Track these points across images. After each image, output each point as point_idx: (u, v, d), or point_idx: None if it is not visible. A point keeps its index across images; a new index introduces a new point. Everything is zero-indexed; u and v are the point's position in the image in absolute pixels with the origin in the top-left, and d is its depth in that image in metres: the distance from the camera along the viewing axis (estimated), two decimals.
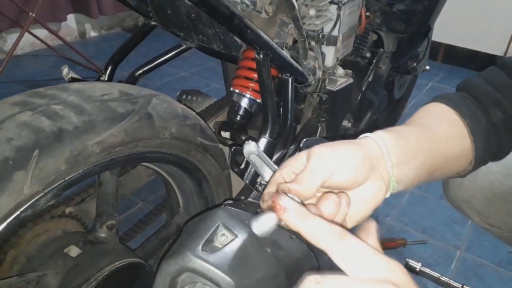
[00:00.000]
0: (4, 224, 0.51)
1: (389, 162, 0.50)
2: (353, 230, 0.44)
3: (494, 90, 0.61)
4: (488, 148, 0.61)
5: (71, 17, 3.04)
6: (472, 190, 0.94)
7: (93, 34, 3.30)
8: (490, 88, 0.61)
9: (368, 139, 0.51)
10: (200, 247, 0.48)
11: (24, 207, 0.52)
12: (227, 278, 0.46)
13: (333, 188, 0.49)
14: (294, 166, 0.50)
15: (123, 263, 0.70)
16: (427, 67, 1.85)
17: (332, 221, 0.41)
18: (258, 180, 0.86)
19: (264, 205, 0.50)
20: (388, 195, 0.52)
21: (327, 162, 0.47)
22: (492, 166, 0.76)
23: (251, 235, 0.51)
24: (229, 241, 0.49)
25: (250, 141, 0.61)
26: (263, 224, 0.44)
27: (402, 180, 0.52)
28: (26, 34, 2.19)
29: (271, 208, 0.42)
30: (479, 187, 0.93)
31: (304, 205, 0.46)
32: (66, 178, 0.56)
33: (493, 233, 1.02)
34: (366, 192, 0.49)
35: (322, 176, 0.47)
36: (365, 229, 0.44)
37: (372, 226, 0.43)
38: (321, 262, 0.63)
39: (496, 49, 2.77)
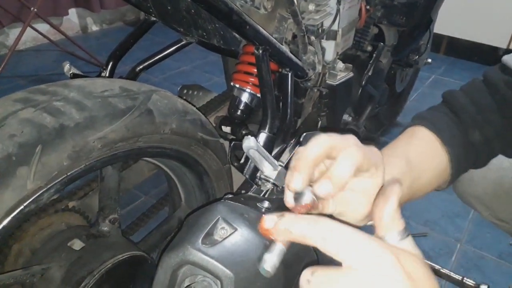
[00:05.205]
0: (9, 219, 0.52)
1: None
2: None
3: (476, 110, 0.63)
4: (464, 168, 0.64)
5: (72, 12, 3.04)
6: (482, 185, 0.95)
7: (94, 28, 3.30)
8: (472, 109, 0.63)
9: None
10: (200, 241, 0.49)
11: (28, 202, 0.53)
12: (227, 271, 0.47)
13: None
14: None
15: (126, 256, 0.71)
16: (429, 60, 1.85)
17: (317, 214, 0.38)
18: (258, 174, 0.87)
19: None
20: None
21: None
22: (503, 161, 0.77)
23: (250, 228, 0.52)
24: (228, 234, 0.50)
25: (249, 136, 0.62)
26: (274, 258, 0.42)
27: None
28: (28, 28, 2.19)
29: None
30: (490, 182, 0.93)
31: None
32: (68, 173, 0.57)
33: (502, 227, 1.02)
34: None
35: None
36: (386, 192, 0.40)
37: (394, 188, 0.39)
38: (320, 256, 0.64)
39: (499, 41, 2.76)
